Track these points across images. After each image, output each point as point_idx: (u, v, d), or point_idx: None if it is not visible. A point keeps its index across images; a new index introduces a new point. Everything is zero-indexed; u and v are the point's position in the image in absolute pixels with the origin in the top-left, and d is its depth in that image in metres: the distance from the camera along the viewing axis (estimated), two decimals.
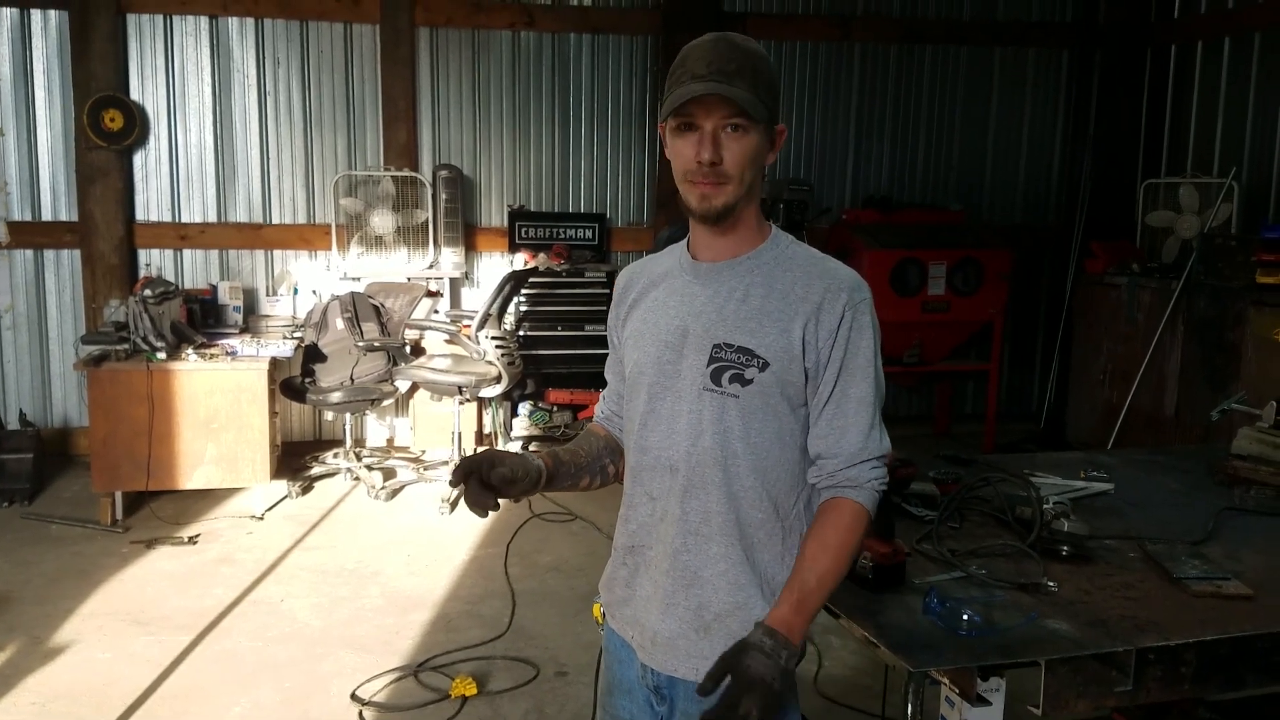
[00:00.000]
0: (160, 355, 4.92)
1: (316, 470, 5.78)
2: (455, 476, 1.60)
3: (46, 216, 5.98)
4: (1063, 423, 6.66)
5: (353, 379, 5.48)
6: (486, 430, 6.38)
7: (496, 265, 6.55)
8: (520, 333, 6.27)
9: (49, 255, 6.02)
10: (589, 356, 6.21)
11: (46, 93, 5.90)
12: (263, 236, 6.23)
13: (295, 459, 5.92)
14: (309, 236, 6.28)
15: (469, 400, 5.69)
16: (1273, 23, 5.89)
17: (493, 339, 5.51)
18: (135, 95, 5.98)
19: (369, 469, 5.72)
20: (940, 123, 7.05)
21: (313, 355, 5.57)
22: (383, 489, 5.50)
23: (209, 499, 5.33)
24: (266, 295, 6.22)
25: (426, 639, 3.89)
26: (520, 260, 6.38)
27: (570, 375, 6.35)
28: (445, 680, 3.52)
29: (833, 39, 6.79)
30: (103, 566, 4.50)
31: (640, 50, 6.59)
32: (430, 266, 6.23)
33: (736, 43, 1.57)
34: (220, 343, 5.27)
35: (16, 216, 5.93)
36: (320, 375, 5.53)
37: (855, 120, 6.92)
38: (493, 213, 6.58)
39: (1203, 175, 6.13)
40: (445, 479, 5.56)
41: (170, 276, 6.04)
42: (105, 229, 5.89)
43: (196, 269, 6.19)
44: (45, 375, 6.09)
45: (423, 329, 6.00)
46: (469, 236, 6.46)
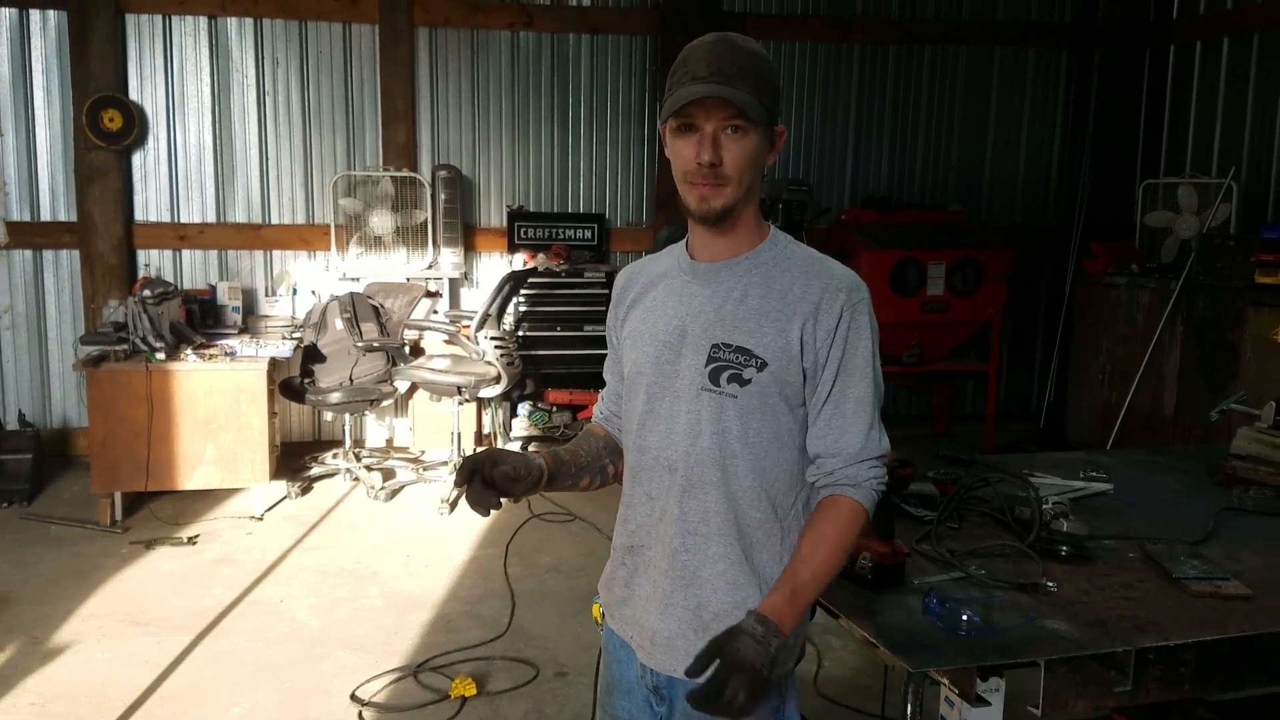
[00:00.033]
0: (159, 356, 4.92)
1: (316, 471, 5.78)
2: (459, 476, 1.60)
3: (45, 217, 5.98)
4: (1062, 423, 6.66)
5: (352, 379, 5.48)
6: (486, 430, 6.38)
7: (496, 265, 6.55)
8: (519, 333, 6.27)
9: (48, 255, 6.02)
10: (588, 357, 6.21)
11: (45, 93, 5.90)
12: (262, 237, 6.23)
13: (294, 459, 5.92)
14: (308, 237, 6.28)
15: (468, 401, 5.69)
16: (1272, 23, 5.89)
17: (492, 339, 5.51)
18: (134, 95, 5.97)
19: (368, 469, 5.72)
20: (939, 123, 7.05)
21: (312, 356, 5.57)
22: (382, 489, 5.50)
23: (208, 499, 5.33)
24: (265, 295, 6.22)
25: (426, 639, 3.88)
26: (519, 260, 6.38)
27: (569, 375, 6.35)
28: (445, 681, 3.52)
29: (832, 39, 6.79)
30: (102, 567, 4.50)
31: (639, 50, 6.59)
32: (429, 267, 6.23)
33: (738, 44, 1.56)
34: (219, 343, 5.27)
35: (15, 217, 5.93)
36: (319, 376, 5.53)
37: (854, 120, 6.92)
38: (492, 213, 6.58)
39: (1202, 175, 6.14)
40: (445, 479, 5.56)
41: (169, 277, 6.04)
42: (104, 229, 5.89)
43: (195, 269, 6.19)
44: (44, 376, 6.09)
45: (422, 329, 6.00)
46: (468, 237, 6.46)
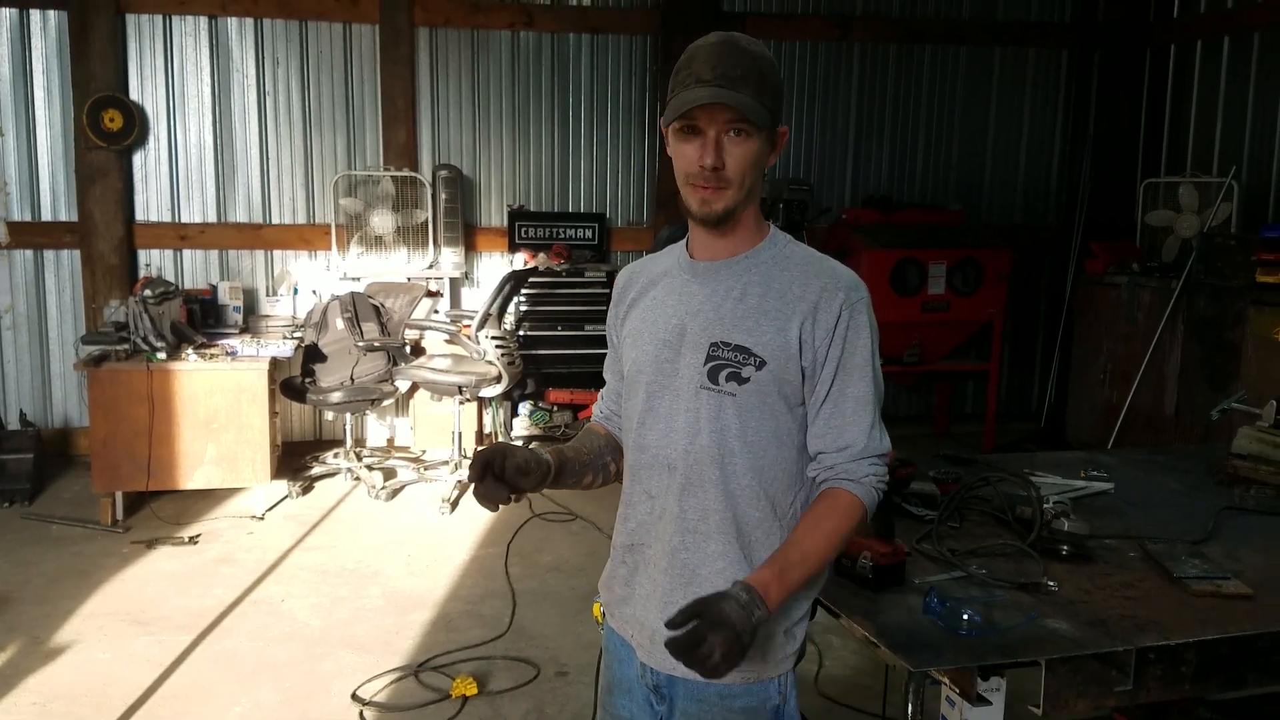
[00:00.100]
0: (160, 355, 4.92)
1: (317, 470, 5.78)
2: (473, 471, 1.60)
3: (46, 217, 5.98)
4: (1063, 422, 6.66)
5: (353, 379, 5.48)
6: (486, 430, 6.38)
7: (496, 265, 6.55)
8: (520, 333, 6.27)
9: (49, 255, 6.02)
10: (589, 356, 6.20)
11: (46, 93, 5.90)
12: (262, 236, 6.23)
13: (295, 459, 5.92)
14: (309, 236, 6.28)
15: (469, 400, 5.69)
16: (1272, 22, 5.89)
17: (493, 339, 5.51)
18: (135, 95, 5.98)
19: (369, 469, 5.72)
20: (940, 122, 7.05)
21: (313, 355, 5.57)
22: (383, 489, 5.51)
23: (209, 499, 5.33)
24: (266, 295, 6.22)
25: (427, 639, 3.89)
26: (520, 260, 6.39)
27: (570, 375, 6.35)
28: (446, 680, 3.52)
29: (832, 39, 6.79)
30: (103, 567, 4.50)
31: (639, 50, 6.59)
32: (430, 266, 6.23)
33: (742, 45, 1.56)
34: (220, 343, 5.27)
35: (16, 217, 5.93)
36: (320, 375, 5.53)
37: (855, 120, 6.92)
38: (492, 213, 6.58)
39: (1202, 175, 6.13)
40: (446, 479, 5.56)
41: (170, 277, 6.04)
42: (105, 229, 5.89)
43: (196, 269, 6.20)
44: (45, 375, 6.09)
45: (423, 329, 6.00)
46: (469, 236, 6.46)
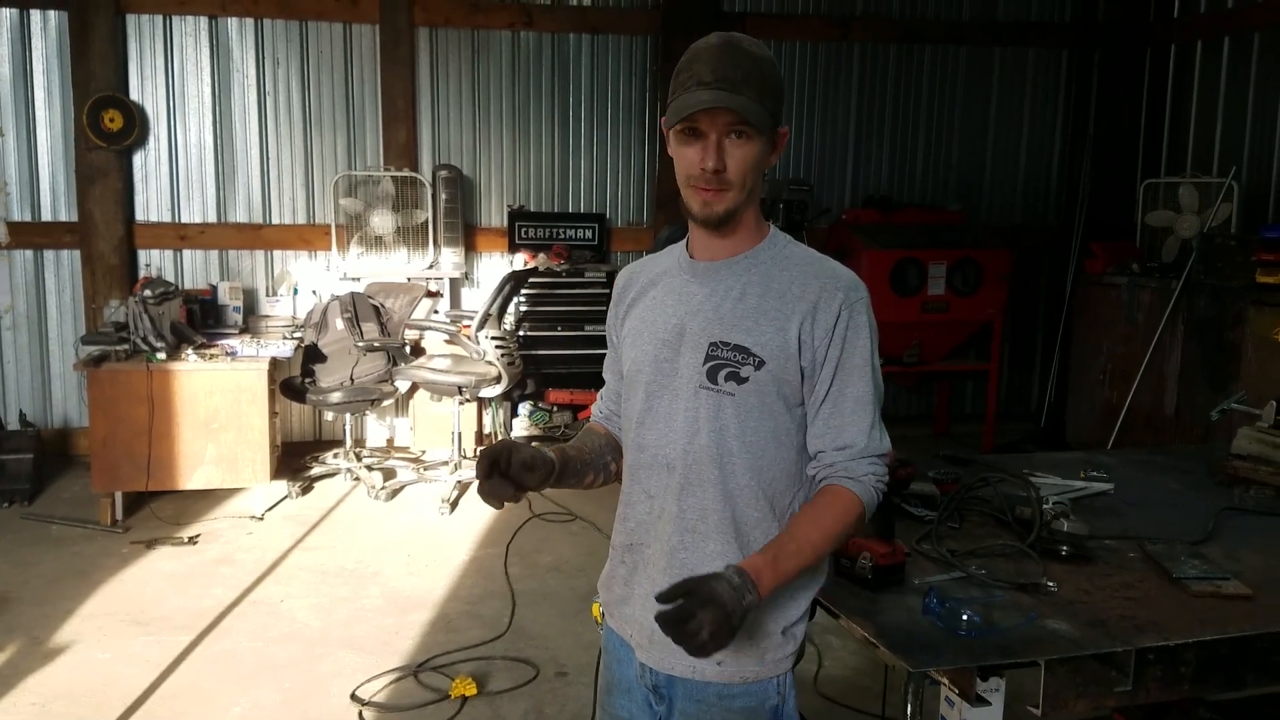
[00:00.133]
0: (160, 355, 4.92)
1: (316, 470, 5.78)
2: (481, 469, 1.59)
3: (46, 217, 5.98)
4: (1062, 423, 6.65)
5: (352, 379, 5.48)
6: (486, 430, 6.38)
7: (496, 265, 6.55)
8: (520, 333, 6.27)
9: (49, 255, 6.02)
10: (589, 357, 6.20)
11: (46, 93, 5.90)
12: (262, 237, 6.23)
13: (295, 459, 5.92)
14: (309, 237, 6.28)
15: (469, 400, 5.69)
16: (1272, 22, 5.89)
17: (492, 339, 5.51)
18: (135, 95, 5.98)
19: (369, 469, 5.72)
20: (940, 123, 7.04)
21: (312, 355, 5.57)
22: (382, 489, 5.50)
23: (209, 499, 5.33)
24: (266, 295, 6.22)
25: (426, 639, 3.89)
26: (520, 260, 6.39)
27: (570, 375, 6.35)
28: (445, 680, 3.52)
29: (832, 39, 6.79)
30: (102, 567, 4.50)
31: (640, 50, 6.59)
32: (430, 267, 6.23)
33: (743, 47, 1.56)
34: (220, 343, 5.27)
35: (16, 217, 5.93)
36: (320, 375, 5.53)
37: (855, 120, 6.92)
38: (492, 213, 6.58)
39: (1202, 175, 6.13)
40: (445, 479, 5.56)
41: (170, 277, 6.04)
42: (105, 229, 5.89)
43: (196, 269, 6.20)
44: (45, 376, 6.09)
45: (422, 329, 6.00)
46: (469, 237, 6.46)
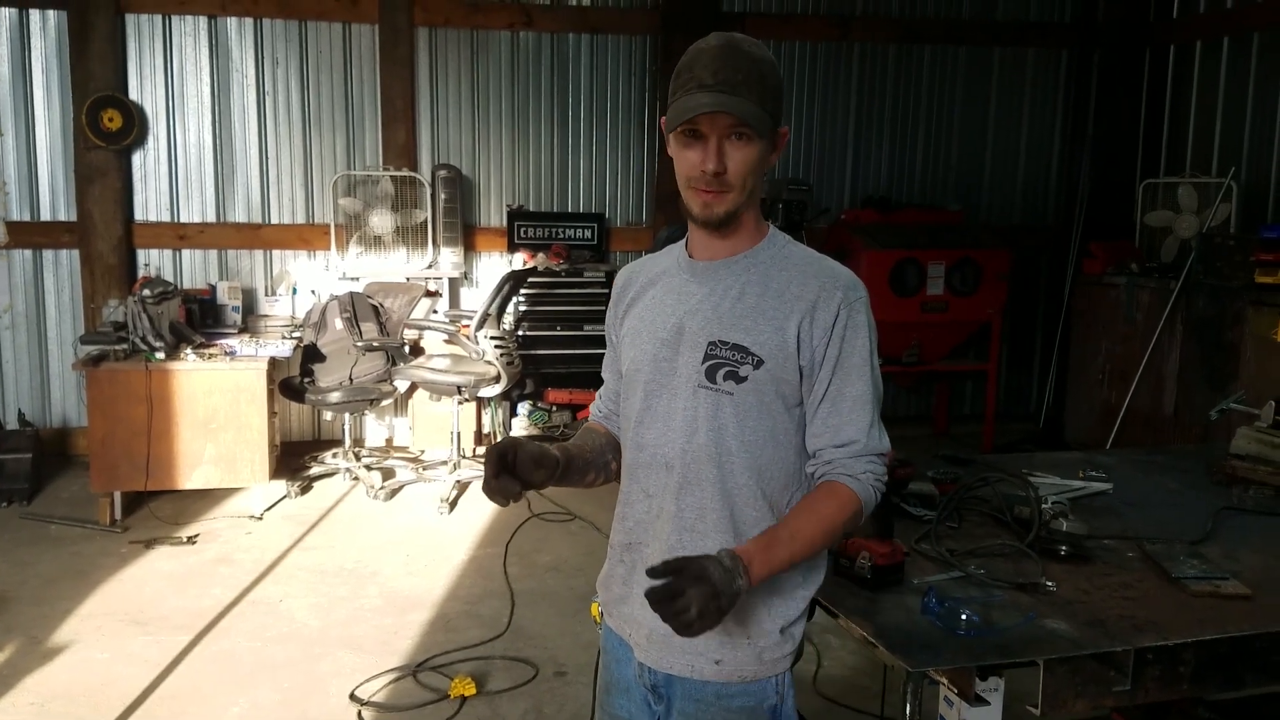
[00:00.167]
0: (159, 355, 4.92)
1: (315, 470, 5.78)
2: (491, 467, 1.58)
3: (45, 216, 5.98)
4: (1061, 423, 6.66)
5: (351, 379, 5.48)
6: (485, 430, 6.38)
7: (495, 265, 6.55)
8: (519, 332, 6.27)
9: (48, 255, 6.02)
10: (588, 356, 6.21)
11: (45, 93, 5.90)
12: (261, 236, 6.23)
13: (294, 459, 5.92)
14: (308, 236, 6.28)
15: (468, 400, 5.69)
16: (1271, 22, 5.89)
17: (491, 339, 5.51)
18: (134, 95, 5.97)
19: (368, 469, 5.72)
20: (939, 122, 7.05)
21: (311, 355, 5.56)
22: (381, 489, 5.50)
23: (208, 499, 5.33)
24: (265, 295, 6.22)
25: (425, 639, 3.88)
26: (519, 260, 6.38)
27: (569, 375, 6.35)
28: (444, 680, 3.52)
29: (831, 39, 6.79)
30: (101, 566, 4.50)
31: (639, 50, 6.59)
32: (429, 266, 6.23)
33: (743, 49, 1.56)
34: (219, 343, 5.27)
35: (15, 216, 5.93)
36: (319, 375, 5.53)
37: (854, 120, 6.92)
38: (491, 212, 6.58)
39: (1201, 175, 6.13)
40: (444, 479, 5.56)
41: (169, 276, 6.04)
42: (104, 229, 5.88)
43: (195, 269, 6.19)
44: (44, 375, 6.09)
45: (422, 329, 6.00)
46: (468, 236, 6.46)
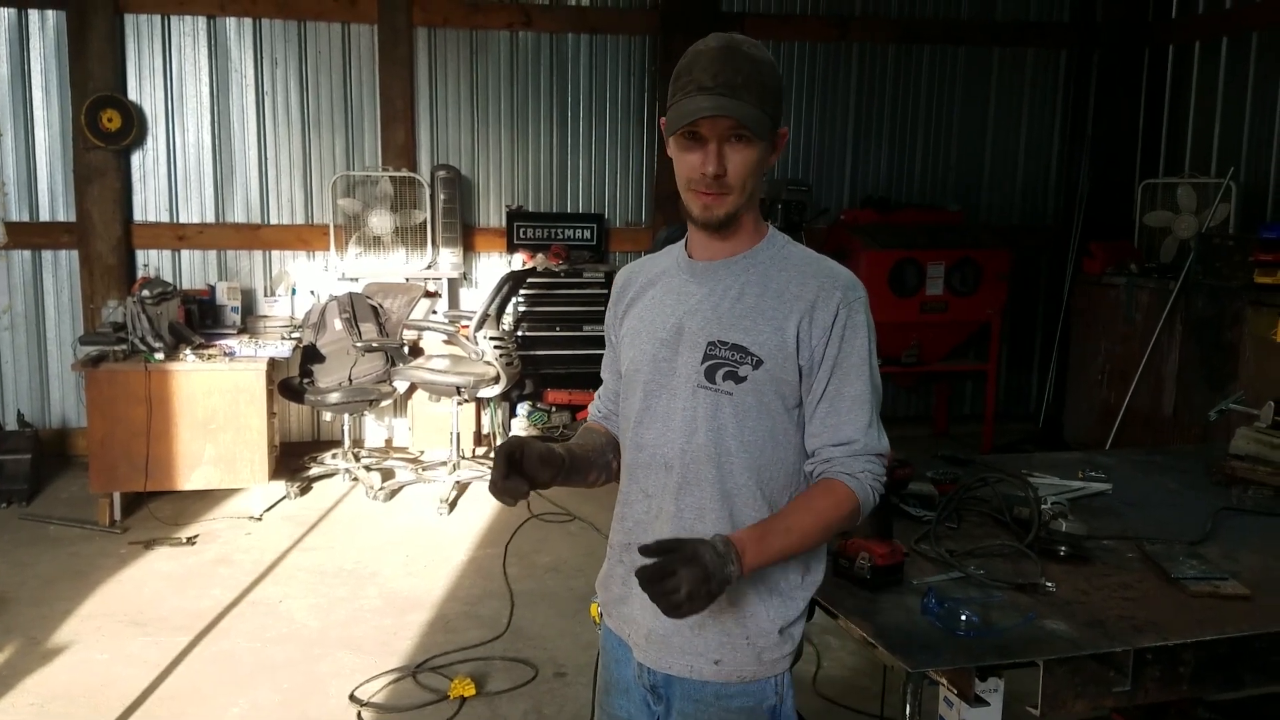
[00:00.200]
0: (158, 356, 4.92)
1: (315, 471, 5.77)
2: (502, 468, 1.58)
3: (44, 217, 5.98)
4: (1061, 423, 6.66)
5: (351, 379, 5.48)
6: (485, 431, 6.38)
7: (495, 265, 6.55)
8: (518, 333, 6.27)
9: (47, 256, 6.01)
10: (587, 357, 6.21)
11: (44, 93, 5.90)
12: (261, 237, 6.23)
13: (293, 459, 5.92)
14: (307, 237, 6.27)
15: (467, 401, 5.69)
16: (1270, 23, 5.90)
17: (491, 339, 5.51)
18: (133, 95, 5.97)
19: (367, 469, 5.72)
20: (938, 123, 7.04)
21: (311, 356, 5.56)
22: (381, 489, 5.50)
23: (207, 499, 5.33)
24: (264, 296, 6.22)
25: (425, 639, 3.88)
26: (518, 260, 6.38)
27: (568, 375, 6.35)
28: (444, 681, 3.52)
29: (830, 39, 6.79)
30: (100, 567, 4.50)
31: (638, 50, 6.59)
32: (428, 267, 6.23)
33: (743, 51, 1.56)
34: (218, 343, 5.27)
35: (14, 217, 5.92)
36: (318, 376, 5.53)
37: (853, 120, 6.92)
38: (491, 213, 6.58)
39: (1200, 175, 6.14)
40: (444, 479, 5.56)
41: (168, 277, 6.04)
42: (103, 229, 5.88)
43: (194, 269, 6.19)
44: (43, 376, 6.09)
45: (421, 329, 6.00)
46: (467, 237, 6.46)
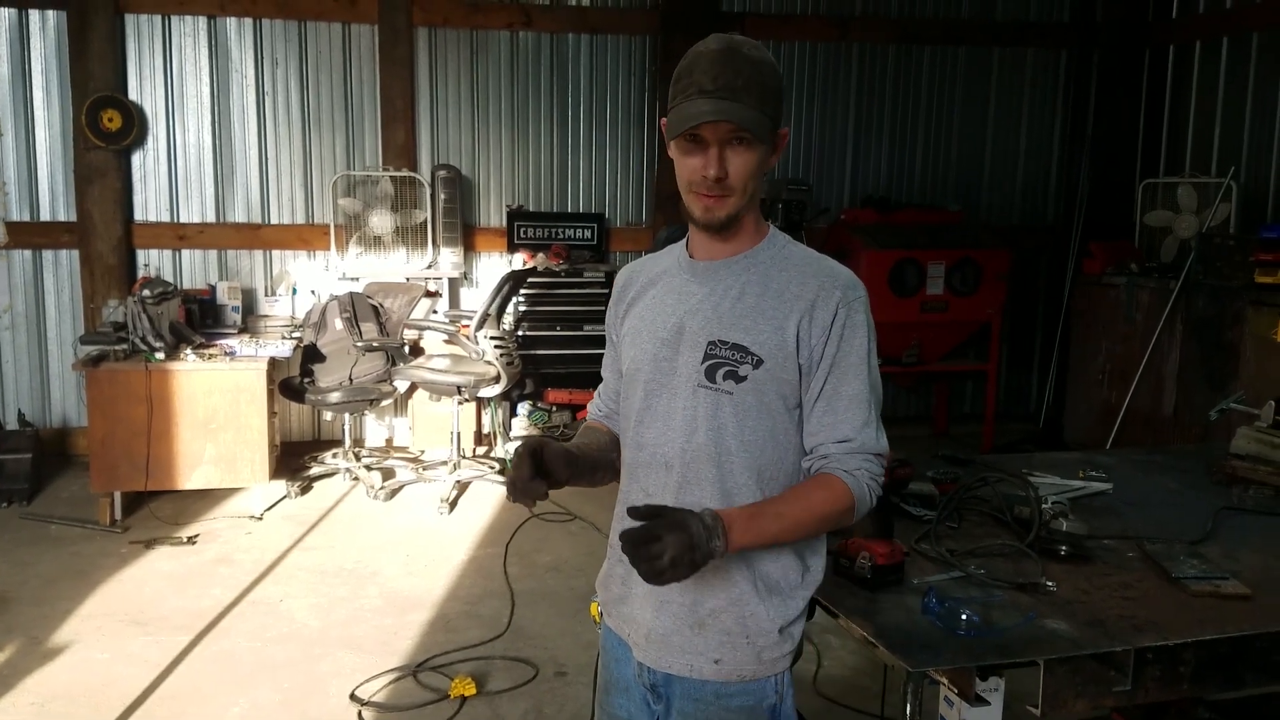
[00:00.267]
0: (159, 355, 4.92)
1: (315, 470, 5.77)
2: (526, 470, 1.58)
3: (45, 217, 5.98)
4: (1061, 423, 6.66)
5: (351, 379, 5.48)
6: (485, 430, 6.38)
7: (495, 265, 6.55)
8: (519, 333, 6.27)
9: (47, 255, 6.01)
10: (588, 356, 6.21)
11: (45, 93, 5.90)
12: (261, 237, 6.23)
13: (294, 459, 5.92)
14: (307, 237, 6.28)
15: (468, 400, 5.69)
16: (1271, 23, 5.90)
17: (491, 339, 5.51)
18: (134, 95, 5.97)
19: (368, 469, 5.72)
20: (938, 123, 7.05)
21: (311, 355, 5.56)
22: (381, 489, 5.50)
23: (208, 499, 5.33)
24: (265, 295, 6.22)
25: (425, 639, 3.88)
26: (519, 260, 6.38)
27: (569, 375, 6.35)
28: (444, 680, 3.52)
29: (831, 39, 6.79)
30: (101, 567, 4.50)
31: (638, 50, 6.59)
32: (429, 266, 6.23)
33: (743, 52, 1.56)
34: (219, 343, 5.27)
35: (15, 217, 5.93)
36: (319, 375, 5.53)
37: (854, 120, 6.92)
38: (491, 213, 6.58)
39: (1201, 175, 6.14)
40: (444, 479, 5.56)
41: (169, 277, 6.04)
42: (104, 229, 5.88)
43: (195, 269, 6.19)
44: (44, 375, 6.09)
45: (421, 329, 6.00)
46: (467, 236, 6.46)
